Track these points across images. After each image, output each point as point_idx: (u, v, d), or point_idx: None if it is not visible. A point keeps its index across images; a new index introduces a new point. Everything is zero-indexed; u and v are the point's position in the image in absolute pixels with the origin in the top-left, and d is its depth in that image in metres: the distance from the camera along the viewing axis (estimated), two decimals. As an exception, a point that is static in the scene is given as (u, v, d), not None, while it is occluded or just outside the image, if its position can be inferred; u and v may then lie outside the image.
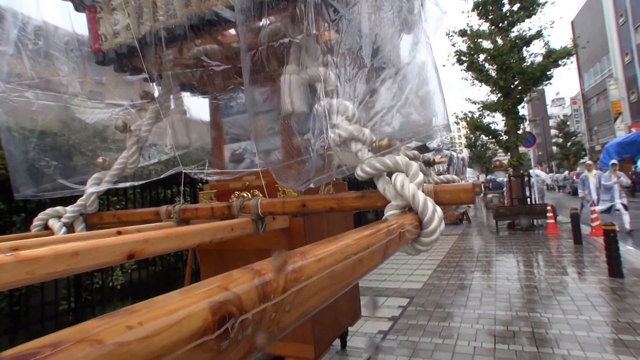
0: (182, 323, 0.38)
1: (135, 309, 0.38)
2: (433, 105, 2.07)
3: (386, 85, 2.14)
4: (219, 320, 0.41)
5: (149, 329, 0.35)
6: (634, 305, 4.85)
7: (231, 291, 0.46)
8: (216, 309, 0.42)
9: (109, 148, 3.03)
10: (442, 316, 4.97)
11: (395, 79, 2.15)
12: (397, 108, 2.00)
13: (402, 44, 2.68)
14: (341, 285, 0.73)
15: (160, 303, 0.40)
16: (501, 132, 15.50)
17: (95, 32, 2.65)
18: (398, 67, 2.29)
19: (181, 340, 0.37)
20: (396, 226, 1.23)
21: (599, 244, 8.51)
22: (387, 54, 2.25)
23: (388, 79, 2.13)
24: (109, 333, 0.33)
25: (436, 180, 2.82)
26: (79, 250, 1.22)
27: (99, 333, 0.33)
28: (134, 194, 5.83)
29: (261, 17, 2.13)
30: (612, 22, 37.76)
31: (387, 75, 2.12)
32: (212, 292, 0.44)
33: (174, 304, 0.40)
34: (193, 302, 0.41)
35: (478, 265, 7.81)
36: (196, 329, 0.39)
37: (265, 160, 2.50)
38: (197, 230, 1.87)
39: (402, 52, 2.61)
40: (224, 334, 0.42)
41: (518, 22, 14.48)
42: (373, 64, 2.05)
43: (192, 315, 0.39)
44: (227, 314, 0.43)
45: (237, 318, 0.44)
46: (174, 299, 0.42)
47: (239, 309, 0.45)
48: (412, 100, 2.08)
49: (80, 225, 2.69)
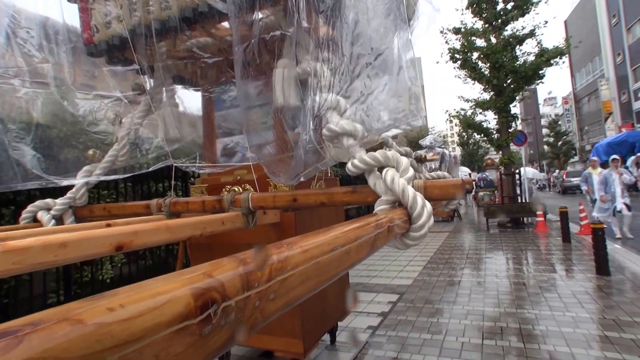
0: (164, 307, 0.38)
1: (118, 292, 0.39)
2: (411, 94, 2.06)
3: (366, 73, 2.12)
4: (201, 305, 0.42)
5: (131, 311, 0.36)
6: (619, 302, 4.92)
7: (215, 278, 0.46)
8: (199, 294, 0.42)
9: (100, 140, 3.01)
10: (431, 312, 5.00)
11: (375, 67, 2.14)
12: (376, 96, 2.01)
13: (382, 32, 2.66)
14: (327, 276, 0.74)
15: (143, 287, 0.41)
16: (493, 131, 15.56)
17: (87, 23, 2.62)
18: (379, 53, 2.27)
19: (162, 324, 0.37)
20: (385, 220, 1.24)
21: (587, 242, 8.61)
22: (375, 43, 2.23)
23: (368, 66, 2.11)
24: (90, 314, 0.33)
25: (427, 177, 2.84)
26: (67, 241, 1.22)
27: (80, 314, 0.33)
28: (125, 187, 5.78)
29: (254, 10, 2.12)
30: (604, 22, 38.01)
31: (367, 62, 2.11)
32: (195, 279, 0.45)
33: (157, 288, 0.41)
34: (176, 287, 0.42)
35: (468, 262, 7.87)
36: (178, 313, 0.39)
37: (257, 154, 2.50)
38: (187, 223, 1.87)
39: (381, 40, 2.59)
40: (207, 320, 0.42)
41: (512, 20, 14.51)
42: (353, 52, 2.04)
43: (174, 300, 0.40)
44: (210, 300, 0.43)
45: (220, 304, 0.45)
46: (157, 283, 0.42)
47: (222, 296, 0.45)
48: (391, 88, 2.07)
49: (69, 218, 2.68)
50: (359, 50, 2.00)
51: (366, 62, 2.00)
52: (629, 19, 33.31)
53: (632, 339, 3.87)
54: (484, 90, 15.41)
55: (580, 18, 44.16)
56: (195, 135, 3.25)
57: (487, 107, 15.26)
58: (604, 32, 38.18)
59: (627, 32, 33.79)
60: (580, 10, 44.64)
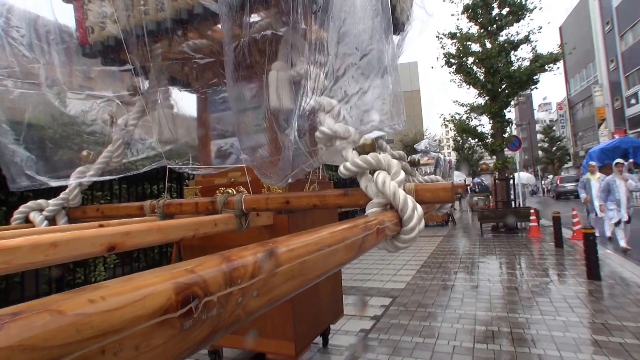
0: (146, 300, 0.39)
1: (100, 285, 0.39)
2: (393, 98, 2.07)
3: (351, 73, 2.12)
4: (182, 300, 0.43)
5: (111, 304, 0.37)
6: (609, 307, 4.97)
7: (197, 274, 0.47)
8: (181, 289, 0.43)
9: (94, 141, 3.01)
10: (423, 316, 5.02)
11: (361, 67, 2.14)
12: (360, 96, 2.01)
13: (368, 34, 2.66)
14: (313, 276, 0.75)
15: (126, 281, 0.42)
16: (487, 135, 15.63)
17: (82, 24, 2.63)
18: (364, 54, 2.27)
19: (143, 316, 0.38)
20: (375, 222, 1.25)
21: (579, 247, 8.66)
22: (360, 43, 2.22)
23: (353, 66, 2.11)
24: (71, 305, 0.34)
25: (420, 180, 2.85)
26: (58, 241, 1.21)
27: (60, 305, 0.34)
28: (120, 189, 5.79)
29: (247, 12, 2.13)
30: (598, 29, 38.31)
31: (352, 62, 2.11)
32: (178, 274, 0.45)
33: (140, 282, 0.42)
34: (158, 281, 0.43)
35: (461, 267, 7.90)
36: (159, 306, 0.40)
37: (250, 156, 2.50)
38: (180, 225, 1.88)
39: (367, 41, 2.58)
40: (188, 314, 0.43)
41: (507, 26, 14.61)
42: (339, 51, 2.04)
43: (156, 294, 0.41)
44: (191, 294, 0.44)
45: (202, 299, 0.46)
46: (141, 277, 0.43)
47: (204, 291, 0.46)
48: (375, 90, 2.08)
49: (62, 219, 2.68)
50: (344, 50, 2.01)
51: (351, 62, 2.01)
52: (622, 26, 33.62)
53: (620, 343, 3.92)
54: (479, 95, 15.49)
55: (574, 24, 44.50)
56: (189, 137, 3.26)
57: (481, 112, 15.34)
58: (598, 39, 38.49)
59: (620, 39, 34.09)
60: (574, 17, 44.99)
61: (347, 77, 2.01)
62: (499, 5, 14.66)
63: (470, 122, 16.03)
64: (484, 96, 15.21)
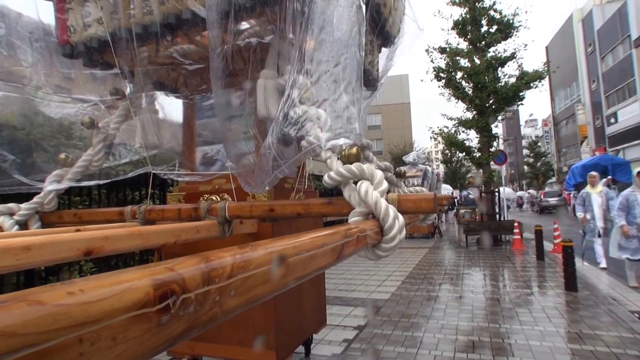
0: (124, 294, 0.41)
1: (80, 280, 0.41)
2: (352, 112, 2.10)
3: (324, 79, 2.14)
4: (160, 295, 0.44)
5: (90, 296, 0.38)
6: (584, 317, 5.14)
7: (177, 272, 0.49)
8: (158, 285, 0.45)
9: (74, 145, 2.92)
10: (406, 326, 5.04)
11: (333, 74, 2.16)
12: (330, 103, 2.05)
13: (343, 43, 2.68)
14: (291, 279, 0.76)
15: (106, 276, 0.43)
16: (474, 149, 15.82)
17: (63, 23, 2.57)
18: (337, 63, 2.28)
19: (121, 309, 0.40)
20: (355, 230, 1.27)
21: (560, 260, 8.80)
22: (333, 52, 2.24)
23: (326, 73, 2.13)
24: (50, 296, 0.36)
25: (406, 191, 2.88)
26: (30, 245, 1.17)
27: (39, 295, 0.35)
28: (99, 194, 5.59)
29: (235, 20, 2.15)
30: (581, 50, 39.34)
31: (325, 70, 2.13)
32: (157, 271, 0.47)
33: (119, 278, 0.43)
34: (138, 277, 0.44)
35: (445, 278, 7.96)
36: (137, 300, 0.42)
37: (235, 163, 2.51)
38: (161, 230, 1.87)
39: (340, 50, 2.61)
40: (165, 309, 0.45)
41: (494, 43, 14.87)
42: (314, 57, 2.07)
43: (134, 288, 0.42)
44: (169, 291, 0.46)
45: (180, 296, 0.47)
46: (120, 274, 0.44)
47: (182, 288, 0.48)
48: (344, 100, 2.10)
49: (35, 224, 2.55)
50: (319, 57, 2.04)
51: (325, 69, 2.04)
52: (603, 49, 34.62)
53: (591, 351, 4.08)
54: (467, 109, 15.68)
55: (560, 44, 45.51)
56: (174, 143, 3.24)
57: (469, 126, 15.52)
58: (581, 60, 39.52)
59: (601, 60, 35.03)
60: (560, 37, 46.01)
61: (320, 82, 2.04)
62: (488, 23, 14.93)
63: (458, 135, 16.22)
64: (472, 110, 15.40)
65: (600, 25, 35.18)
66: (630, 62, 29.84)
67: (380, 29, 2.95)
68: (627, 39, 30.45)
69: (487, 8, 14.74)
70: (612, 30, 32.63)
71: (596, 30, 35.66)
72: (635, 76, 29.07)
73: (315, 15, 2.00)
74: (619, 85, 31.98)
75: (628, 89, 30.83)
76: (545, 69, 14.82)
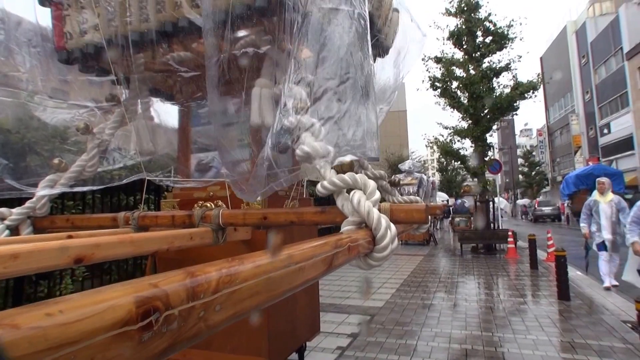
0: (105, 313, 0.40)
1: (63, 299, 0.40)
2: (368, 126, 2.12)
3: (328, 96, 2.15)
4: (143, 313, 0.44)
5: (69, 317, 0.37)
6: (576, 326, 5.16)
7: (160, 288, 0.48)
8: (141, 302, 0.44)
9: (67, 149, 2.89)
10: (400, 334, 5.04)
11: (338, 92, 2.18)
12: (336, 120, 2.06)
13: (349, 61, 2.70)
14: (278, 292, 0.76)
15: (88, 295, 0.43)
16: (470, 158, 15.90)
17: (60, 29, 2.59)
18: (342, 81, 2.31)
19: (101, 328, 0.39)
20: (347, 240, 1.27)
21: (553, 269, 8.84)
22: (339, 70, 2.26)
23: (329, 91, 2.15)
24: (26, 318, 0.35)
25: (400, 200, 2.89)
26: (18, 252, 1.16)
27: (15, 319, 0.34)
28: (93, 199, 5.53)
29: (232, 29, 2.16)
30: (575, 61, 39.83)
31: (330, 87, 2.14)
32: (140, 288, 0.47)
33: (102, 296, 0.43)
34: (120, 295, 0.44)
35: (440, 286, 7.96)
36: (119, 318, 0.41)
37: (230, 171, 2.50)
38: (154, 237, 1.86)
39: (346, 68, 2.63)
40: (147, 326, 0.44)
41: (489, 54, 15.00)
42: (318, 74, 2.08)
43: (116, 307, 0.42)
44: (152, 308, 0.45)
45: (163, 313, 0.47)
46: (104, 291, 0.44)
47: (165, 305, 0.47)
48: (352, 116, 2.12)
49: (27, 229, 2.49)
50: (323, 74, 2.05)
51: (328, 87, 2.05)
52: (596, 61, 35.13)
53: None
54: (462, 118, 15.78)
55: (554, 55, 46.06)
56: (169, 149, 3.23)
57: (464, 135, 15.60)
58: (575, 71, 40.02)
59: (595, 72, 35.49)
60: (554, 48, 46.57)
61: (324, 99, 2.05)
62: (483, 34, 15.06)
63: (453, 144, 16.31)
64: (467, 120, 15.49)
65: (593, 37, 35.82)
66: (622, 74, 30.37)
67: (375, 39, 2.97)
68: (619, 52, 30.99)
69: (482, 19, 14.89)
70: (605, 42, 33.20)
71: (590, 42, 36.27)
72: (628, 88, 29.57)
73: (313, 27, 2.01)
74: (612, 97, 32.49)
75: (621, 100, 31.33)
76: (539, 80, 14.96)
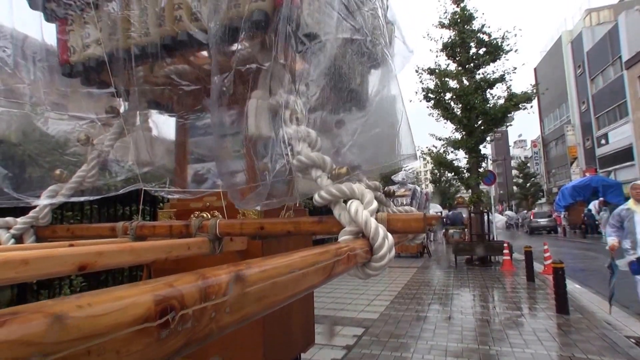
0: (127, 308, 0.43)
1: (86, 294, 0.43)
2: (399, 135, 2.17)
3: (352, 116, 2.23)
4: (161, 310, 0.47)
5: (97, 310, 0.41)
6: (576, 340, 5.07)
7: (175, 288, 0.51)
8: (159, 300, 0.47)
9: (67, 160, 2.97)
10: (395, 346, 5.02)
11: (363, 111, 2.24)
12: (362, 137, 2.10)
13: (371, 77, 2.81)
14: (283, 296, 0.79)
15: (109, 291, 0.46)
16: (463, 169, 15.96)
17: (64, 44, 2.65)
18: (365, 98, 2.39)
19: (125, 323, 0.42)
20: (346, 249, 1.30)
21: (551, 281, 8.83)
22: (356, 86, 2.35)
23: (354, 110, 2.22)
24: (61, 308, 0.38)
25: (395, 211, 2.92)
26: (28, 259, 1.22)
27: (52, 307, 0.38)
28: (91, 209, 5.70)
29: (233, 43, 2.20)
30: (570, 71, 39.99)
31: (353, 106, 2.21)
32: (157, 287, 0.49)
33: (123, 293, 0.46)
34: (139, 293, 0.47)
35: (434, 298, 7.95)
36: (139, 315, 0.44)
37: (227, 182, 2.53)
38: (152, 246, 1.88)
39: (370, 84, 2.73)
40: (165, 324, 0.47)
41: (483, 65, 15.14)
42: (340, 95, 2.14)
43: (137, 303, 0.45)
44: (169, 306, 0.48)
45: (178, 311, 0.49)
46: (122, 289, 0.47)
47: (181, 304, 0.50)
48: (379, 130, 2.18)
49: (30, 238, 2.61)
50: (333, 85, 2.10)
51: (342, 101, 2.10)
52: (593, 71, 35.19)
53: None
54: (455, 129, 15.87)
55: (549, 66, 46.35)
56: (166, 160, 3.27)
57: (458, 146, 15.69)
58: (570, 81, 40.17)
59: (591, 82, 35.58)
60: (549, 59, 46.87)
61: (350, 120, 2.10)
62: (477, 45, 15.21)
63: (447, 155, 16.37)
64: (460, 131, 15.58)
65: (590, 47, 35.87)
66: (621, 83, 30.25)
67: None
68: (617, 61, 30.99)
69: (475, 31, 15.03)
70: (603, 51, 33.22)
71: (586, 52, 36.33)
72: (627, 97, 29.44)
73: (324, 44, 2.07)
74: (610, 107, 32.42)
75: (619, 110, 31.22)
76: (534, 91, 15.08)
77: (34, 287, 4.85)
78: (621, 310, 6.70)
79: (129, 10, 2.46)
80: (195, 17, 2.36)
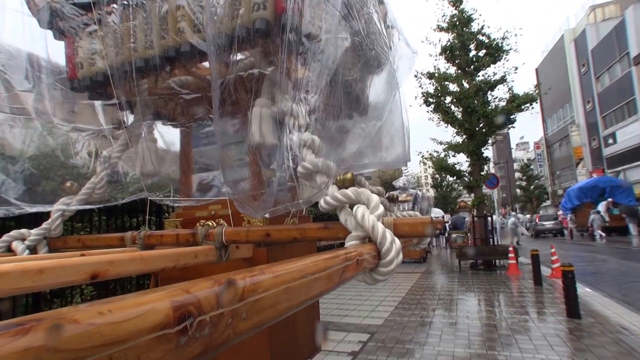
0: (147, 315, 0.43)
1: (107, 301, 0.43)
2: (397, 138, 2.18)
3: (354, 120, 2.23)
4: (179, 317, 0.47)
5: (118, 317, 0.41)
6: (589, 345, 4.95)
7: (193, 294, 0.51)
8: (177, 307, 0.47)
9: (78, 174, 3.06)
10: (401, 352, 4.98)
11: (363, 115, 2.25)
12: (364, 139, 2.11)
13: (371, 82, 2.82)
14: (297, 302, 0.79)
15: (129, 298, 0.46)
16: (465, 173, 15.89)
17: (72, 60, 2.71)
18: (366, 104, 2.40)
19: (145, 330, 0.42)
20: (354, 254, 1.30)
21: (559, 285, 8.74)
22: (358, 92, 2.36)
23: (355, 114, 2.22)
24: (83, 315, 0.38)
25: (399, 216, 2.92)
26: (44, 268, 1.24)
27: (75, 314, 0.38)
28: (99, 220, 5.80)
29: (235, 52, 2.21)
30: (574, 70, 39.43)
31: (354, 110, 2.22)
32: (175, 293, 0.49)
33: (141, 299, 0.46)
34: (158, 299, 0.47)
35: (440, 303, 7.90)
36: (158, 321, 0.44)
37: (232, 189, 2.54)
38: (161, 255, 1.89)
39: (371, 89, 2.75)
40: (183, 330, 0.47)
41: (483, 67, 15.09)
42: (341, 100, 2.15)
43: (156, 310, 0.45)
44: (187, 312, 0.48)
45: (196, 318, 0.49)
46: (142, 295, 0.47)
47: (198, 310, 0.50)
48: (380, 133, 2.18)
49: (43, 249, 2.71)
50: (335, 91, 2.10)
51: (341, 104, 2.11)
52: (598, 69, 34.63)
53: None
54: (456, 133, 15.83)
55: (550, 66, 45.98)
56: (171, 170, 3.30)
57: (459, 150, 15.63)
58: (574, 80, 39.59)
59: (597, 80, 35.02)
60: (550, 59, 46.53)
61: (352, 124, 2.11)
62: (476, 47, 15.18)
63: (448, 159, 16.33)
64: (461, 135, 15.54)
65: (594, 44, 35.15)
66: (629, 80, 29.41)
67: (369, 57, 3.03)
68: (625, 57, 30.13)
69: (475, 33, 15.01)
70: (609, 48, 32.43)
71: (590, 50, 35.58)
72: (636, 95, 28.61)
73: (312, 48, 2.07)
74: (617, 105, 31.62)
75: (627, 108, 30.39)
76: (536, 91, 15.03)
77: (47, 296, 4.98)
78: (636, 314, 6.53)
79: (133, 23, 2.49)
80: (197, 28, 2.38)
